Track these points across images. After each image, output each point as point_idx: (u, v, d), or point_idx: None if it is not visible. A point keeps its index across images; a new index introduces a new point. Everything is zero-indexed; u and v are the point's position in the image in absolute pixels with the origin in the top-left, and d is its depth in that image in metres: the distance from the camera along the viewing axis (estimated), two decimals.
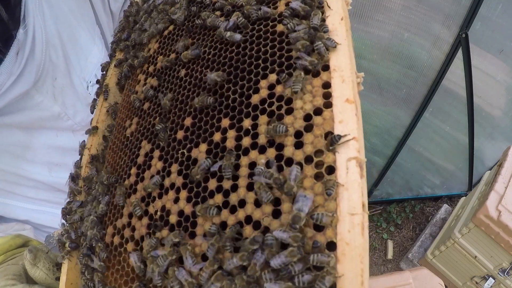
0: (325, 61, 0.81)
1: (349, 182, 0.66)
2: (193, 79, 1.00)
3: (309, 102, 0.78)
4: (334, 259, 0.61)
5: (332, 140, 0.69)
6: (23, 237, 1.36)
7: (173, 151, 0.92)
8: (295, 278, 0.61)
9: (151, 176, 0.93)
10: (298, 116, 0.77)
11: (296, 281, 0.61)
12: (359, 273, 0.60)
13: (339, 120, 0.73)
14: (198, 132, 0.90)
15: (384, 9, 2.77)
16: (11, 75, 1.21)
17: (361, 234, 0.62)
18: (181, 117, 0.96)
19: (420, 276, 2.75)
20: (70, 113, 1.55)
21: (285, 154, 0.75)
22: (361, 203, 0.64)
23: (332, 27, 0.85)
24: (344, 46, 0.82)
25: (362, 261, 0.60)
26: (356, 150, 0.69)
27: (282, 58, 0.87)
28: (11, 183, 1.50)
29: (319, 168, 0.71)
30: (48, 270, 1.13)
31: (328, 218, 0.63)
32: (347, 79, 0.77)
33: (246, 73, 0.90)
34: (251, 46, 0.93)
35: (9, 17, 1.17)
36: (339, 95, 0.76)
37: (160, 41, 1.19)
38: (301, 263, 0.62)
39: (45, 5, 1.34)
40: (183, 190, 0.85)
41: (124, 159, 1.07)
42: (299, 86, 0.78)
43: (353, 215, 0.63)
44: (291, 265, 0.62)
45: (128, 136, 1.10)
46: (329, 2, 0.88)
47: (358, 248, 0.61)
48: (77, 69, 1.56)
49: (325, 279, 0.59)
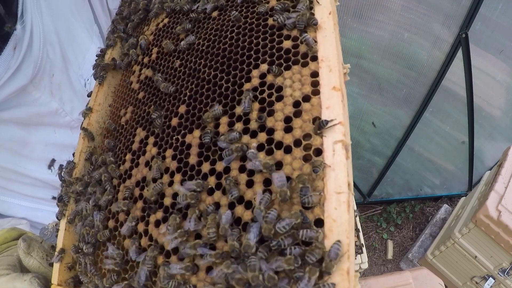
0: (314, 52, 0.86)
1: (336, 163, 0.70)
2: (187, 69, 1.04)
3: (298, 89, 0.83)
4: (322, 235, 0.65)
5: (320, 124, 0.74)
6: (18, 230, 1.38)
7: (168, 137, 0.97)
8: (287, 251, 0.65)
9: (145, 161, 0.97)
10: (287, 103, 0.82)
11: (288, 253, 0.65)
12: (346, 248, 0.63)
13: (326, 106, 0.78)
14: (192, 119, 0.94)
15: (384, 9, 2.80)
16: (8, 69, 1.24)
17: (347, 211, 0.66)
18: (176, 105, 1.00)
19: (420, 276, 2.77)
20: (68, 109, 1.57)
21: (275, 138, 0.79)
22: (347, 183, 0.68)
23: (321, 20, 0.90)
24: (332, 38, 0.87)
25: (348, 236, 0.64)
26: (342, 134, 0.73)
27: (273, 50, 0.91)
28: (8, 180, 1.52)
29: (307, 150, 0.74)
30: (42, 259, 1.15)
31: (316, 197, 0.66)
32: (334, 68, 0.82)
33: (238, 63, 0.94)
34: (244, 38, 0.97)
35: (6, 12, 1.21)
36: (326, 83, 0.81)
37: (155, 34, 1.23)
38: (291, 238, 0.66)
39: (43, 3, 1.37)
40: (177, 174, 0.88)
41: (119, 146, 1.11)
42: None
43: (340, 193, 0.67)
44: (281, 239, 0.65)
45: (123, 124, 1.14)
46: None
47: (344, 224, 0.65)
48: (75, 66, 1.59)
49: (315, 252, 0.63)
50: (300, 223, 0.66)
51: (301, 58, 0.87)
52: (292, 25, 0.90)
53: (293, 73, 0.85)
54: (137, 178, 0.98)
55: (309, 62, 0.85)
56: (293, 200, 0.71)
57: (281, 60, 0.89)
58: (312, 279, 0.61)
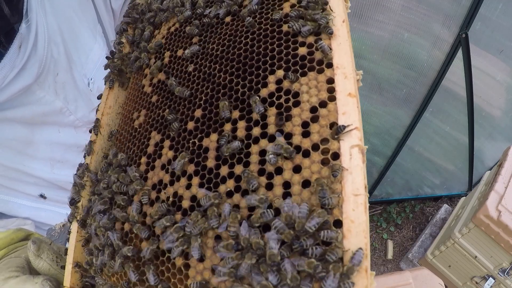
0: (329, 59, 0.90)
1: (353, 167, 0.74)
2: (201, 74, 1.07)
3: (315, 95, 0.87)
4: (341, 235, 0.69)
5: (338, 129, 0.78)
6: (24, 231, 1.40)
7: (184, 140, 1.00)
8: (309, 251, 0.69)
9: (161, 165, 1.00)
10: (305, 108, 0.86)
11: (310, 253, 0.69)
12: (364, 247, 0.68)
13: (342, 112, 0.82)
14: (209, 123, 0.97)
15: (384, 9, 2.84)
16: (14, 67, 1.25)
17: (364, 212, 0.70)
18: (191, 109, 1.03)
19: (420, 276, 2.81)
20: (72, 108, 1.59)
21: (293, 142, 0.83)
22: (364, 185, 0.72)
23: (335, 28, 0.93)
24: (346, 46, 0.91)
25: (366, 236, 0.68)
26: (358, 139, 0.77)
27: (289, 56, 0.95)
28: (12, 180, 1.53)
29: (325, 154, 0.78)
30: (52, 261, 1.17)
31: (335, 199, 0.70)
32: (349, 75, 0.86)
33: (254, 68, 0.98)
34: (259, 44, 1.01)
35: (11, 11, 1.22)
36: (342, 89, 0.85)
37: (166, 38, 1.26)
38: (312, 238, 0.70)
39: (47, 2, 1.39)
40: (195, 177, 0.92)
41: (132, 149, 1.14)
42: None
43: (357, 195, 0.72)
44: (304, 240, 0.69)
45: (137, 128, 1.17)
46: (332, 5, 0.97)
47: (362, 224, 0.69)
48: (78, 65, 1.61)
49: (335, 251, 0.67)
50: (322, 222, 0.70)
51: (317, 65, 0.91)
52: (307, 32, 0.93)
53: (309, 79, 0.89)
54: (153, 181, 1.01)
55: (325, 69, 0.89)
56: (312, 202, 0.75)
57: (297, 66, 0.92)
58: (337, 275, 0.65)
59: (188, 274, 0.85)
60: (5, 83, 1.25)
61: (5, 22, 1.22)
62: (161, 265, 0.92)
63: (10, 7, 1.22)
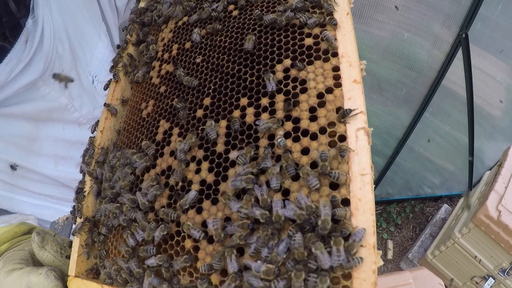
0: (334, 48, 0.96)
1: (359, 148, 0.80)
2: (210, 65, 1.12)
3: (321, 82, 0.92)
4: (349, 213, 0.74)
5: (344, 113, 0.83)
6: (27, 225, 1.42)
7: (193, 128, 1.05)
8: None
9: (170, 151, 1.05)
10: (312, 94, 0.91)
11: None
12: (371, 224, 0.73)
13: (348, 97, 0.88)
14: (218, 110, 1.03)
15: (384, 9, 2.88)
16: (20, 61, 1.28)
17: (371, 191, 0.75)
18: (200, 97, 1.09)
19: (420, 276, 2.83)
20: (77, 105, 1.62)
21: (301, 126, 0.88)
22: (370, 165, 0.78)
23: (340, 20, 1.00)
24: (351, 36, 0.97)
25: (373, 213, 0.73)
26: (363, 122, 0.83)
27: (295, 46, 1.01)
28: (16, 176, 1.55)
29: (332, 137, 0.83)
30: (56, 252, 1.20)
31: (343, 177, 0.75)
32: (353, 63, 0.92)
33: (262, 58, 1.03)
34: (266, 36, 1.06)
35: (18, 6, 1.25)
36: (347, 77, 0.91)
37: (174, 31, 1.31)
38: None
39: (53, 0, 1.43)
40: (205, 162, 0.96)
41: (141, 138, 1.18)
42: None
43: (364, 175, 0.77)
44: (314, 217, 0.74)
45: (145, 117, 1.22)
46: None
47: (369, 202, 0.75)
48: (83, 63, 1.65)
49: (345, 227, 0.73)
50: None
51: (323, 54, 0.96)
52: (313, 24, 0.99)
53: (316, 67, 0.94)
54: (162, 167, 1.05)
55: (330, 58, 0.95)
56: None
57: (303, 55, 0.98)
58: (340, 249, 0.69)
59: None
60: (11, 77, 1.27)
61: (11, 18, 1.25)
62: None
63: (17, 3, 1.25)
